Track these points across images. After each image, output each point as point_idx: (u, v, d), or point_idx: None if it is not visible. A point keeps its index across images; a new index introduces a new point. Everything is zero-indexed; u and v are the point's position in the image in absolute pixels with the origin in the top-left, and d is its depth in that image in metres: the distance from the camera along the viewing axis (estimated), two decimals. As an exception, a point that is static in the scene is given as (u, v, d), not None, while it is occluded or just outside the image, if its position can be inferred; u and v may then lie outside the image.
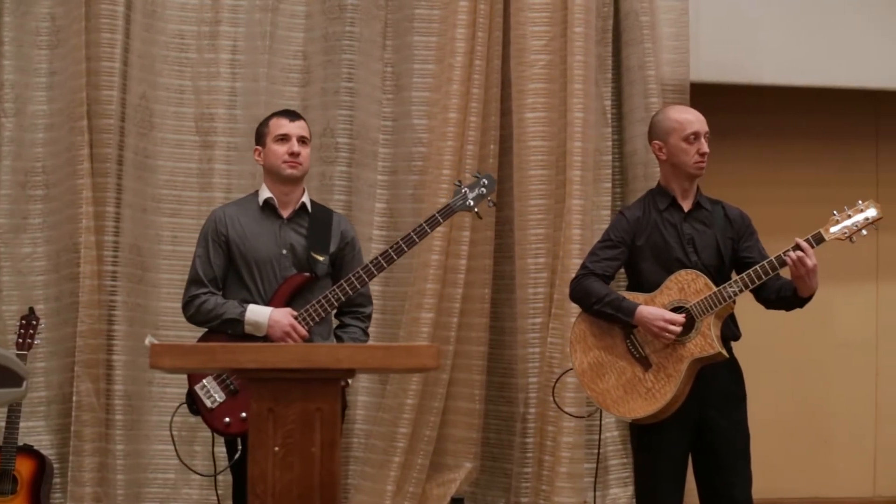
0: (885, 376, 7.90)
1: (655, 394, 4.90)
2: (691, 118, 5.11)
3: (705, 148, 5.06)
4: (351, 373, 3.81)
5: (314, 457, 3.60)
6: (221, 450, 5.25)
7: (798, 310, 5.14)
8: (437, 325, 6.71)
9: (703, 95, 6.94)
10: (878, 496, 7.96)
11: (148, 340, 5.12)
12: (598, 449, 6.41)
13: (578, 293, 5.09)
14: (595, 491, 6.37)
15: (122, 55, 6.60)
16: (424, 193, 6.85)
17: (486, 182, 5.32)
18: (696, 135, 5.05)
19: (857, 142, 8.02)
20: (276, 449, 3.58)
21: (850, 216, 4.87)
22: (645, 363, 4.95)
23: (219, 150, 6.82)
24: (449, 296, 6.75)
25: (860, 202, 4.90)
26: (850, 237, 4.88)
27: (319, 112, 6.80)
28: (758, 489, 5.08)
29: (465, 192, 5.28)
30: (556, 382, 6.16)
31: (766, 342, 7.24)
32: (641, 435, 5.07)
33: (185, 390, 5.14)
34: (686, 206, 5.12)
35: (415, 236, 5.16)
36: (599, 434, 6.23)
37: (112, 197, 6.57)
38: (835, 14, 7.45)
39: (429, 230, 5.21)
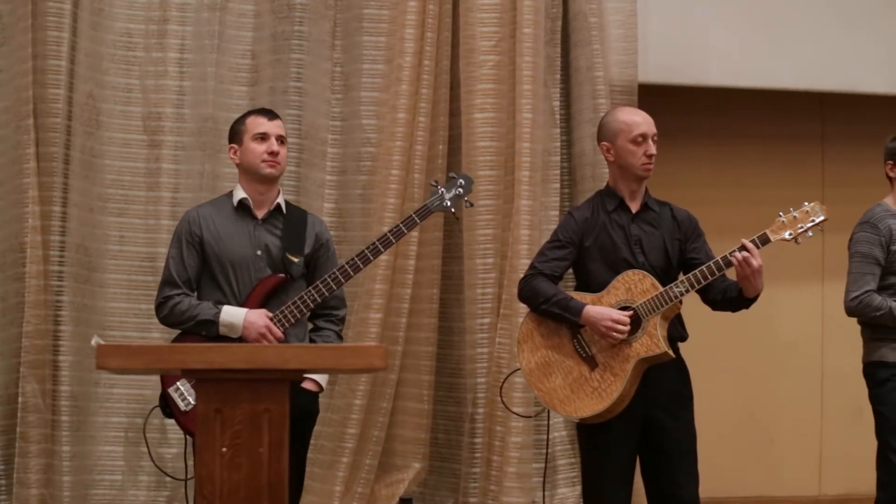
0: (831, 376, 7.96)
1: (602, 393, 4.92)
2: (639, 120, 5.12)
3: (652, 150, 5.07)
4: (299, 373, 3.80)
5: (262, 457, 3.60)
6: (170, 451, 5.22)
7: (744, 310, 5.17)
8: (385, 326, 6.70)
9: (651, 96, 6.98)
10: (823, 495, 8.03)
11: (94, 341, 5.09)
12: (547, 449, 6.43)
13: (526, 293, 5.10)
14: (544, 491, 6.39)
15: (69, 53, 6.54)
16: (373, 193, 6.85)
17: (464, 182, 5.28)
18: (644, 136, 5.06)
19: (803, 143, 8.09)
20: (224, 450, 3.58)
21: (795, 218, 4.90)
22: (591, 363, 4.96)
23: (166, 149, 6.77)
24: (397, 296, 6.75)
25: (806, 204, 4.92)
26: (795, 238, 4.91)
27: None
28: (704, 488, 5.11)
29: (442, 192, 5.24)
30: (503, 383, 6.17)
31: (712, 342, 7.28)
32: (588, 435, 5.09)
33: (131, 392, 5.13)
34: (634, 207, 5.14)
35: (391, 237, 5.13)
36: (548, 434, 6.26)
37: (58, 196, 6.51)
38: (781, 16, 7.51)
39: (405, 230, 5.16)
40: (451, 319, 7.04)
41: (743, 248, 4.86)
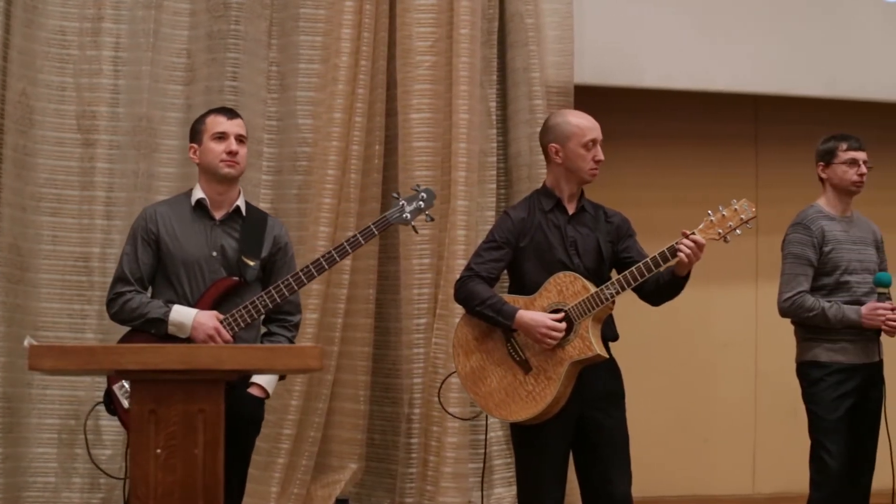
0: (765, 375, 8.03)
1: (536, 397, 4.94)
2: (591, 125, 5.15)
3: (601, 155, 5.12)
4: (234, 374, 3.78)
5: (197, 458, 3.58)
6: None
7: (680, 311, 5.22)
8: (321, 326, 6.69)
9: (587, 98, 7.00)
10: (757, 493, 8.09)
11: (27, 341, 5.01)
12: (485, 449, 6.43)
13: (462, 295, 5.11)
14: (482, 490, 6.40)
15: (2, 51, 6.47)
16: (309, 193, 6.83)
17: (425, 196, 5.23)
18: (594, 142, 5.11)
19: (737, 145, 8.15)
20: (158, 451, 3.55)
21: (724, 216, 4.93)
22: (525, 366, 4.98)
23: (101, 148, 6.72)
24: (333, 296, 6.74)
25: (734, 202, 4.95)
26: (724, 237, 4.94)
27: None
28: (640, 487, 5.14)
29: (403, 204, 5.20)
30: (440, 385, 6.17)
31: (647, 342, 7.33)
32: (523, 434, 5.11)
33: (65, 392, 5.06)
34: (571, 208, 5.16)
35: (348, 247, 5.09)
36: (486, 434, 6.26)
37: (-9, 196, 6.46)
38: (716, 19, 7.57)
39: (363, 241, 5.12)
40: (388, 320, 7.04)
41: (688, 239, 4.89)
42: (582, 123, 5.14)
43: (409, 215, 5.21)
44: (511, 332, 5.01)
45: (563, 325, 4.91)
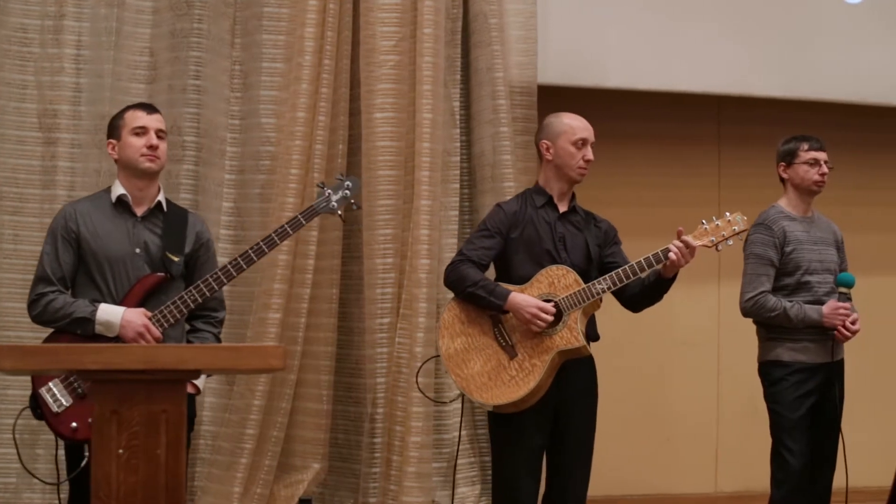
0: (727, 375, 8.06)
1: (519, 382, 5.01)
2: (582, 125, 5.33)
3: (590, 156, 5.28)
4: (196, 374, 3.77)
5: (159, 459, 3.57)
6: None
7: (642, 312, 5.31)
8: (284, 326, 6.68)
9: (550, 98, 7.02)
10: (719, 492, 8.12)
11: (-13, 342, 4.99)
12: (458, 445, 6.40)
13: (453, 277, 5.19)
14: (454, 490, 6.41)
15: (-38, 49, 6.45)
16: (272, 193, 6.81)
17: (350, 184, 5.25)
18: (584, 141, 5.27)
19: (700, 145, 8.18)
20: (121, 451, 3.54)
21: (718, 226, 5.15)
22: (511, 352, 5.06)
23: (62, 146, 6.68)
24: (297, 296, 6.72)
25: (728, 213, 5.16)
26: (716, 245, 5.17)
27: (166, 110, 6.64)
28: (603, 486, 5.18)
29: (329, 193, 5.21)
30: (419, 368, 6.21)
31: (610, 342, 7.31)
32: (501, 424, 5.17)
33: (27, 392, 4.98)
34: (562, 207, 5.31)
35: (276, 238, 5.07)
36: (460, 430, 6.26)
37: (-48, 194, 6.42)
38: (679, 19, 7.59)
39: (291, 232, 5.11)
40: (351, 319, 7.03)
41: (680, 241, 5.02)
42: (573, 123, 5.33)
43: (335, 204, 5.23)
44: (499, 317, 5.10)
45: (553, 309, 5.00)
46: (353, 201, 5.29)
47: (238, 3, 6.95)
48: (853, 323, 5.70)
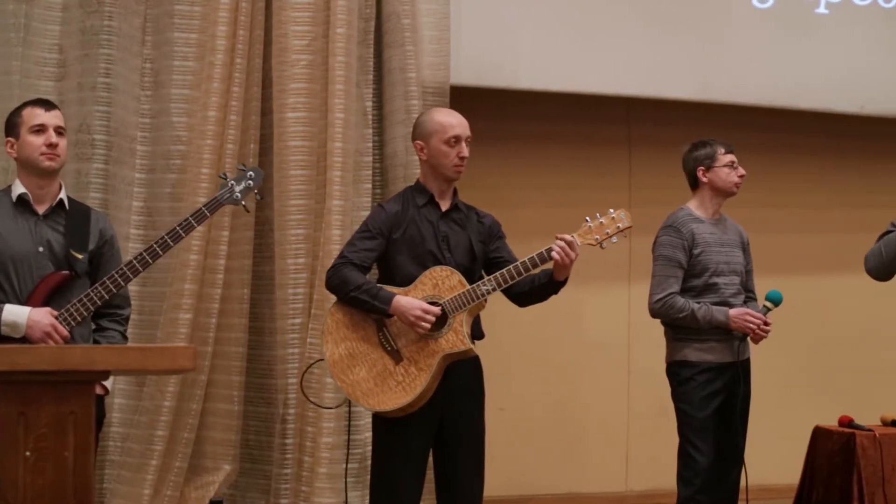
0: (637, 375, 8.13)
1: (406, 387, 4.97)
2: (454, 122, 5.21)
3: (465, 152, 5.17)
4: (105, 375, 3.74)
5: (67, 461, 3.53)
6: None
7: (553, 311, 5.30)
8: (195, 326, 6.64)
9: (463, 99, 7.04)
10: (630, 490, 8.20)
11: None
12: (347, 448, 6.41)
13: (335, 281, 5.12)
14: (346, 491, 6.41)
15: None
16: (183, 192, 6.77)
17: (253, 175, 5.22)
18: (458, 138, 5.16)
19: (611, 147, 8.25)
20: (28, 454, 3.50)
21: (602, 224, 5.05)
22: (396, 356, 5.01)
23: (-31, 145, 6.59)
24: (207, 296, 6.69)
25: (612, 210, 5.06)
26: (600, 243, 5.06)
27: (76, 107, 6.63)
28: (513, 486, 5.20)
29: (232, 184, 5.17)
30: (303, 373, 6.20)
31: (521, 342, 7.39)
32: (385, 427, 5.13)
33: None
34: (444, 206, 5.24)
35: (181, 231, 5.01)
36: (349, 432, 6.25)
37: None
38: (590, 22, 7.65)
39: (195, 224, 5.06)
40: (262, 320, 7.00)
41: (560, 240, 4.98)
42: (444, 120, 5.22)
43: (239, 195, 5.19)
44: (384, 320, 5.04)
45: (438, 310, 4.95)
46: (256, 191, 5.25)
47: (149, 1, 6.89)
48: (765, 324, 5.78)
